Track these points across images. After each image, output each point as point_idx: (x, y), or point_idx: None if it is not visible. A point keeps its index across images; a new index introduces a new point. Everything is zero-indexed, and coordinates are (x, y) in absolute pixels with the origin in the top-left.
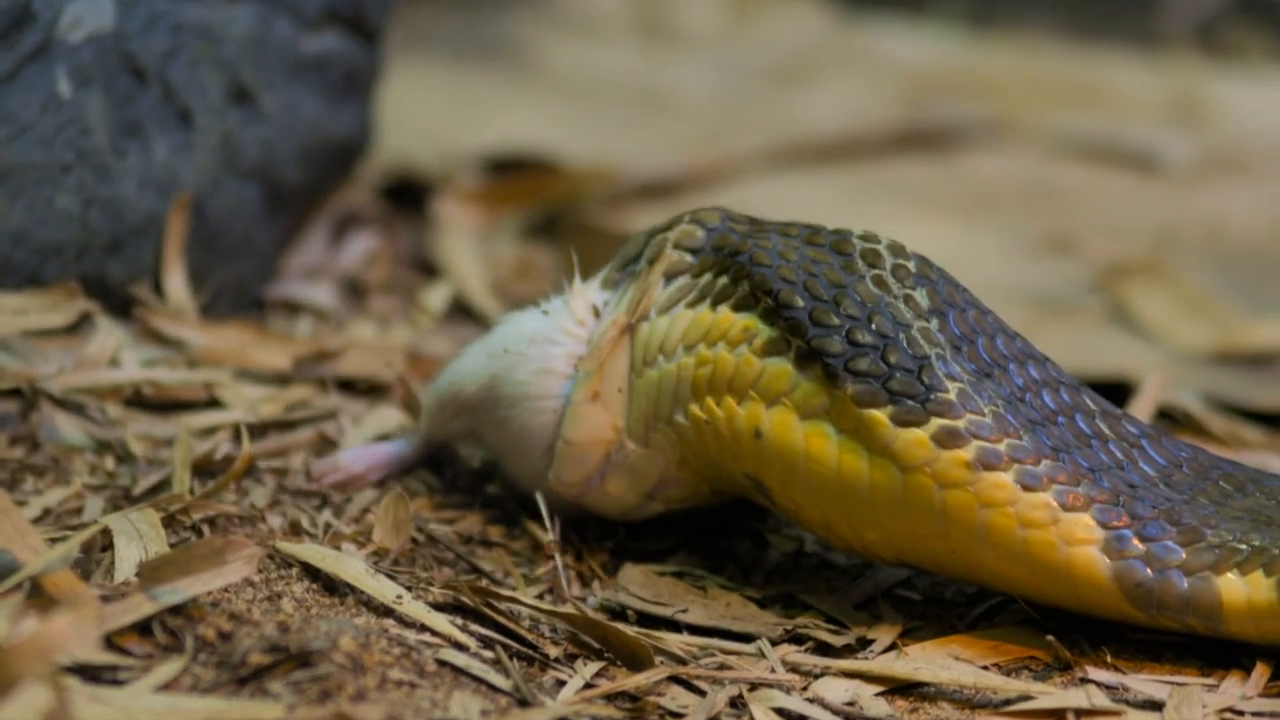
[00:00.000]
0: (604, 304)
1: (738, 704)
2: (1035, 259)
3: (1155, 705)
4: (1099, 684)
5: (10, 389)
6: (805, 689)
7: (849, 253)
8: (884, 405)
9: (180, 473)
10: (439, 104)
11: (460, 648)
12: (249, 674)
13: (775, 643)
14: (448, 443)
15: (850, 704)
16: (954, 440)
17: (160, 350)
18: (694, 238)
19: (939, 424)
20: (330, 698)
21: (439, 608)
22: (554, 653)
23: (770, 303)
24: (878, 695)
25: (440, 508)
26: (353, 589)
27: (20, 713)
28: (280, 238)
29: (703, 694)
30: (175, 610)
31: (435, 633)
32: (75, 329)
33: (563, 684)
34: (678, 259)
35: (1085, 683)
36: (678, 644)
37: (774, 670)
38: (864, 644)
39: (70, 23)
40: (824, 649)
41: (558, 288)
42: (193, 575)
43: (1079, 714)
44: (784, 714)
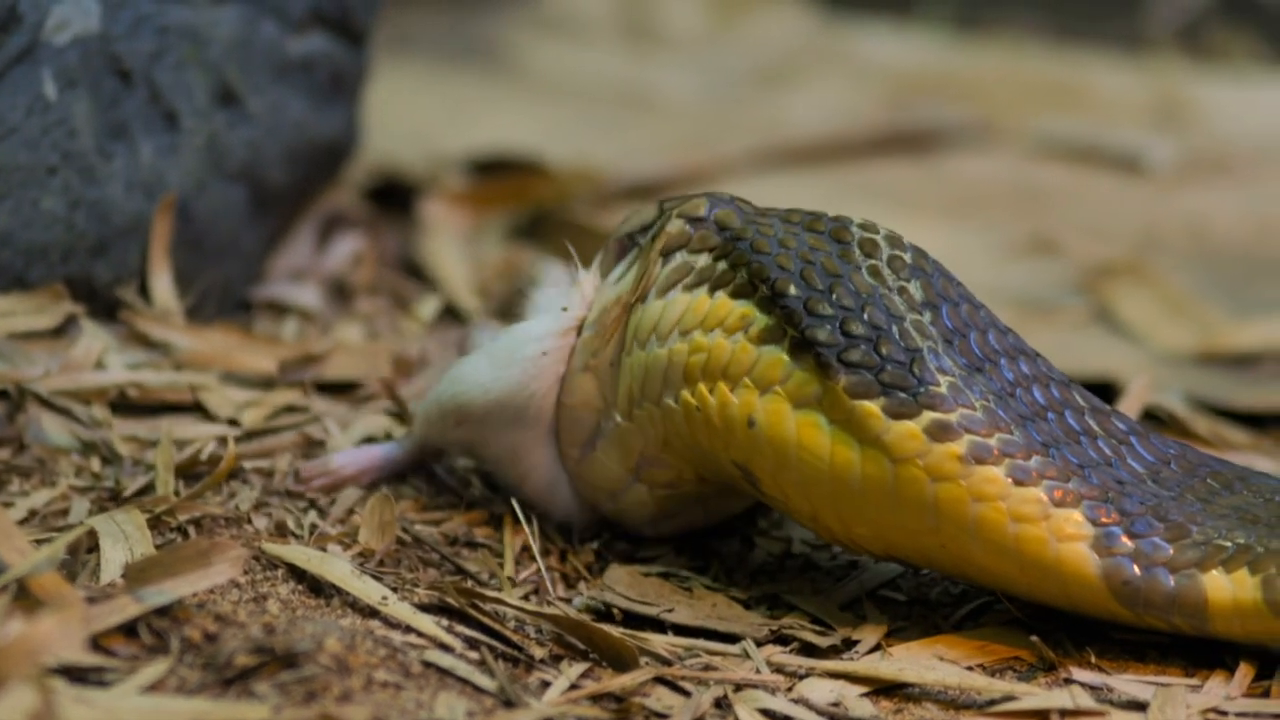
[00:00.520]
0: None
1: (723, 705)
2: (1019, 260)
3: (1139, 706)
4: (1083, 684)
5: None
6: (790, 690)
7: (847, 241)
8: (876, 397)
9: (164, 475)
10: (425, 105)
11: (445, 649)
12: (234, 675)
13: (760, 643)
14: (445, 451)
15: (835, 705)
16: (946, 434)
17: (146, 353)
18: (699, 210)
19: (931, 417)
20: (316, 699)
21: (424, 609)
22: (539, 654)
23: (766, 290)
24: (863, 696)
25: (426, 509)
26: (338, 590)
27: (6, 714)
28: (266, 239)
29: (688, 695)
30: (161, 612)
31: (421, 634)
32: (61, 331)
33: (548, 685)
34: (679, 230)
35: (1069, 683)
36: (663, 645)
37: (759, 671)
38: (849, 645)
39: (56, 25)
40: (809, 650)
41: (537, 282)
42: (178, 577)
43: (1063, 714)
44: (769, 715)
